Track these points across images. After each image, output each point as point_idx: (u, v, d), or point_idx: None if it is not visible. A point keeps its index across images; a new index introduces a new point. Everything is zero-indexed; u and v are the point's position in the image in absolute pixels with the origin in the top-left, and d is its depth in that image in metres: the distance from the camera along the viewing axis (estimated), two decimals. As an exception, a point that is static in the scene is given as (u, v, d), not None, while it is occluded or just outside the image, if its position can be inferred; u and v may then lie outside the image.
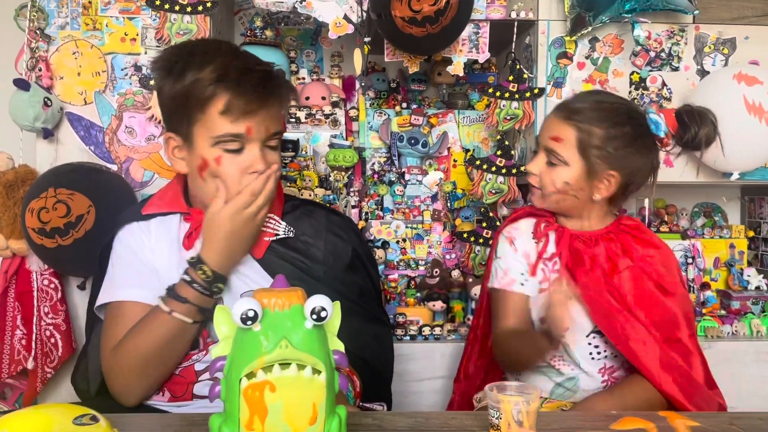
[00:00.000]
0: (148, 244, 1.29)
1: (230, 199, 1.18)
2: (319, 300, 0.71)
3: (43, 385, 1.76)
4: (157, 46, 1.83)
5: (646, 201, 2.34)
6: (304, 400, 0.70)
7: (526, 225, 1.52)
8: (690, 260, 2.20)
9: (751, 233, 2.32)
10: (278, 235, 1.32)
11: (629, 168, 1.41)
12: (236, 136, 1.17)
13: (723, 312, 2.15)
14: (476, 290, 1.97)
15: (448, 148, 2.23)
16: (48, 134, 1.78)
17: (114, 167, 1.83)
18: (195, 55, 1.19)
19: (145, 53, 1.84)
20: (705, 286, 2.20)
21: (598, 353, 1.43)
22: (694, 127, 1.53)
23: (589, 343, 1.43)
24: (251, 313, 0.69)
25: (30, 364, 1.74)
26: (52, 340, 1.76)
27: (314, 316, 0.71)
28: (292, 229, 1.34)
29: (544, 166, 1.43)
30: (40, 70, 1.79)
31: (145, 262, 1.27)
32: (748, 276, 2.22)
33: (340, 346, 0.77)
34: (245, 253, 1.25)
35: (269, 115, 1.21)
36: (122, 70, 1.84)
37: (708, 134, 1.55)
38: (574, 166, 1.40)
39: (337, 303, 0.78)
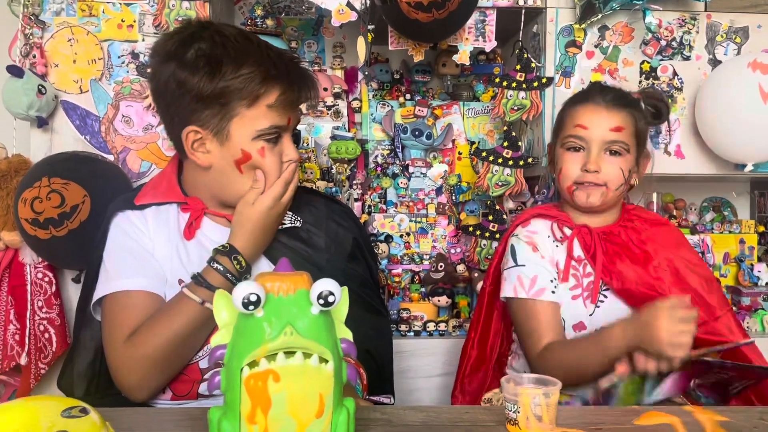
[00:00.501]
0: (146, 233, 1.26)
1: (267, 189, 1.20)
2: (327, 284, 0.66)
3: (36, 381, 1.71)
4: (155, 33, 1.78)
5: (654, 195, 2.30)
6: (310, 391, 0.65)
7: (542, 226, 1.45)
8: (699, 255, 2.15)
9: (762, 228, 2.27)
10: (284, 224, 1.30)
11: (645, 146, 1.49)
12: (279, 127, 1.20)
13: (734, 308, 2.10)
14: (481, 285, 1.92)
15: (453, 140, 2.18)
16: (42, 123, 1.73)
17: (111, 157, 1.78)
18: (226, 49, 1.16)
19: (143, 40, 1.79)
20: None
21: None
22: (663, 107, 1.57)
23: None
24: (253, 298, 0.64)
25: (23, 360, 1.69)
26: (46, 335, 1.70)
27: (321, 301, 0.66)
28: (299, 218, 1.32)
29: (605, 159, 1.39)
30: (34, 57, 1.74)
31: (146, 249, 1.25)
32: (759, 272, 2.17)
33: (348, 334, 0.72)
34: (269, 242, 1.25)
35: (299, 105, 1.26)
36: (119, 57, 1.79)
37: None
38: (632, 152, 1.42)
39: (345, 288, 0.73)
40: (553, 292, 1.38)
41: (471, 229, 1.97)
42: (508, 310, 1.46)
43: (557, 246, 1.43)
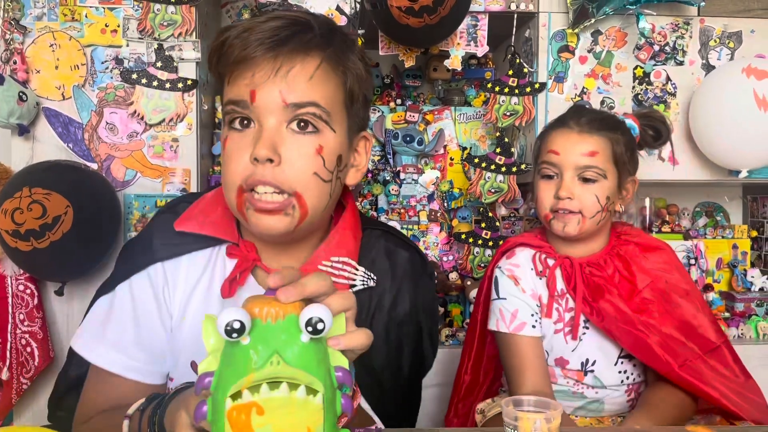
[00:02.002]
0: (168, 290, 0.97)
1: None
2: (316, 310, 0.62)
3: (18, 397, 1.66)
4: (140, 39, 1.73)
5: (647, 200, 2.28)
6: (297, 425, 0.61)
7: (524, 258, 1.40)
8: (692, 261, 2.13)
9: (755, 233, 2.26)
10: (354, 286, 0.97)
11: (636, 171, 1.41)
12: (236, 103, 0.92)
13: (727, 314, 2.08)
14: (474, 293, 1.89)
15: (445, 146, 2.15)
16: (24, 131, 1.68)
17: (94, 166, 1.74)
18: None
19: (127, 45, 1.74)
20: (708, 287, 2.13)
21: (627, 378, 1.36)
22: (664, 129, 1.51)
23: (619, 371, 1.36)
24: (237, 325, 0.60)
25: (5, 375, 1.64)
26: (28, 349, 1.65)
27: (310, 329, 0.62)
28: (373, 276, 0.98)
29: (579, 186, 1.34)
30: (14, 62, 1.69)
31: (161, 317, 0.96)
32: (752, 277, 2.15)
33: (344, 362, 0.68)
34: None
35: None
36: (102, 63, 1.75)
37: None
38: (611, 177, 1.34)
39: (342, 315, 0.69)
40: (533, 326, 1.35)
41: (463, 236, 1.94)
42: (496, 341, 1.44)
43: (540, 279, 1.39)
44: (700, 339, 1.34)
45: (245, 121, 0.86)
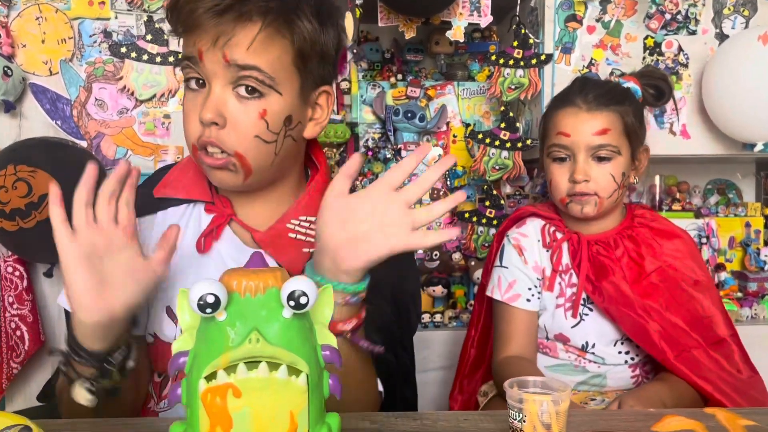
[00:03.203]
0: (148, 241, 0.96)
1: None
2: (299, 283, 0.56)
3: (9, 381, 1.62)
4: (128, 11, 1.67)
5: (657, 178, 2.21)
6: (278, 408, 0.56)
7: (533, 229, 1.39)
8: (704, 240, 2.07)
9: (768, 211, 2.20)
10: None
11: (645, 138, 1.37)
12: (189, 60, 0.93)
13: (740, 294, 2.02)
14: (478, 274, 1.83)
15: (447, 123, 2.08)
16: (9, 107, 1.62)
17: (84, 143, 1.68)
18: None
19: (116, 18, 1.68)
20: (720, 267, 2.07)
21: (631, 359, 1.33)
22: (666, 86, 1.49)
23: (620, 352, 1.33)
24: (210, 299, 0.54)
25: (-6, 359, 1.60)
26: (18, 333, 1.61)
27: (292, 303, 0.56)
28: None
29: (593, 166, 1.29)
30: (-1, 37, 1.63)
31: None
32: (765, 256, 2.09)
33: (332, 340, 0.62)
34: None
35: None
36: (90, 36, 1.69)
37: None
38: (624, 152, 1.31)
39: (328, 287, 0.63)
40: (528, 300, 1.35)
41: (467, 215, 1.88)
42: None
43: (546, 251, 1.37)
44: (706, 330, 1.30)
45: (200, 81, 0.90)
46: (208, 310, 0.55)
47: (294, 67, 0.91)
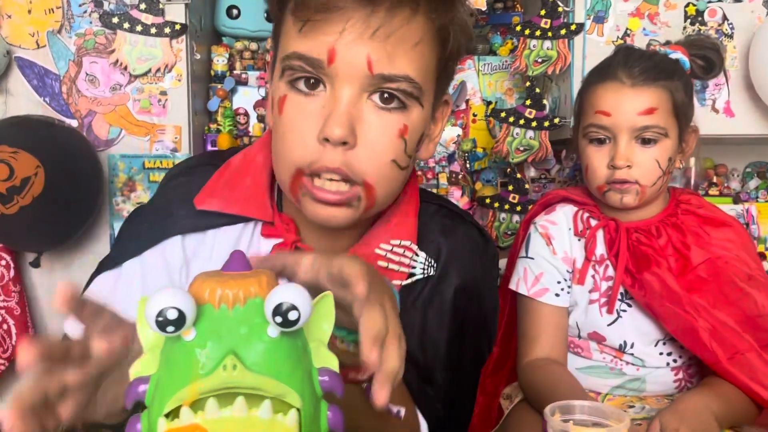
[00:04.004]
0: (185, 270, 0.82)
1: None
2: (288, 292, 0.43)
3: (-4, 378, 1.52)
4: (121, -23, 1.54)
5: (692, 161, 2.07)
6: (258, 458, 0.43)
7: (564, 216, 1.26)
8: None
9: (813, 195, 2.05)
10: (413, 274, 0.82)
11: (693, 115, 1.23)
12: (310, 62, 0.70)
13: (781, 286, 1.89)
14: (501, 264, 1.71)
15: (467, 101, 1.95)
16: (-7, 83, 1.52)
17: (74, 122, 1.57)
18: None
19: (107, -15, 1.56)
20: (761, 256, 1.93)
21: (674, 360, 1.21)
22: (717, 57, 1.33)
23: (661, 353, 1.21)
24: (172, 314, 0.41)
25: (-20, 355, 1.50)
26: (5, 326, 1.51)
27: (279, 319, 0.42)
28: (433, 263, 0.84)
29: (637, 150, 1.16)
30: (-19, 6, 1.52)
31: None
32: (810, 245, 1.96)
33: (332, 362, 0.48)
34: None
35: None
36: (80, 6, 1.57)
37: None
38: (672, 134, 1.17)
39: (329, 297, 0.49)
40: (557, 294, 1.23)
41: (488, 201, 1.76)
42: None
43: (578, 240, 1.25)
44: (760, 331, 1.17)
45: (312, 81, 0.70)
46: (170, 329, 0.42)
47: (436, 73, 0.74)
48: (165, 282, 0.79)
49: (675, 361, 1.21)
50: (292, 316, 0.42)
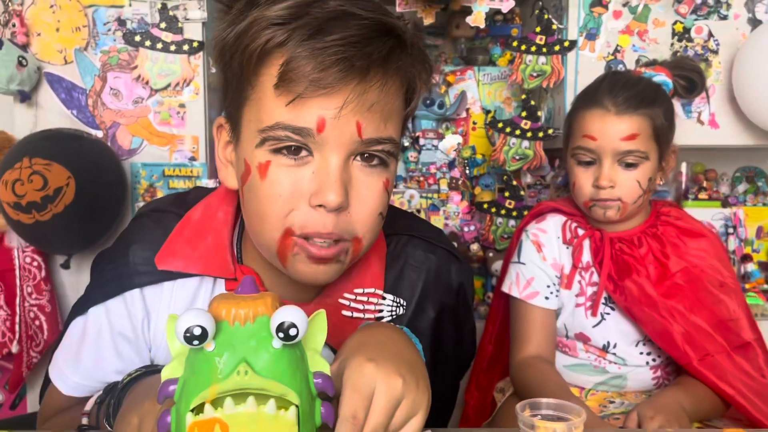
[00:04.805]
0: (147, 322, 0.84)
1: None
2: (289, 313, 0.54)
3: (29, 370, 1.64)
4: (143, -2, 1.65)
5: (683, 166, 2.15)
6: (267, 444, 0.54)
7: (554, 225, 1.36)
8: (731, 230, 2.01)
9: (800, 200, 2.12)
10: (381, 316, 0.85)
11: (673, 136, 1.31)
12: (296, 131, 0.69)
13: (767, 286, 1.96)
14: (497, 266, 1.81)
15: (467, 109, 2.03)
16: (25, 97, 1.62)
17: (99, 133, 1.68)
18: None
19: (129, 5, 1.66)
20: (746, 258, 2.01)
21: (653, 360, 1.31)
22: (698, 78, 1.44)
23: (641, 353, 1.31)
24: (197, 331, 0.53)
25: (14, 348, 1.62)
26: (37, 323, 1.63)
27: (281, 334, 0.54)
28: (402, 302, 0.87)
29: (619, 172, 1.25)
30: (14, 26, 1.62)
31: (130, 347, 0.85)
32: (796, 247, 2.03)
33: (325, 367, 0.60)
34: None
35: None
36: (105, 24, 1.67)
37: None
38: (653, 157, 1.26)
39: (321, 312, 0.61)
40: (547, 297, 1.33)
41: (486, 206, 1.85)
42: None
43: (566, 248, 1.34)
44: (730, 334, 1.26)
45: (294, 148, 0.70)
46: (195, 342, 0.54)
47: (404, 126, 0.78)
48: (128, 330, 0.83)
49: (654, 360, 1.30)
50: (292, 332, 0.54)
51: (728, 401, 1.22)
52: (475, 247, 1.89)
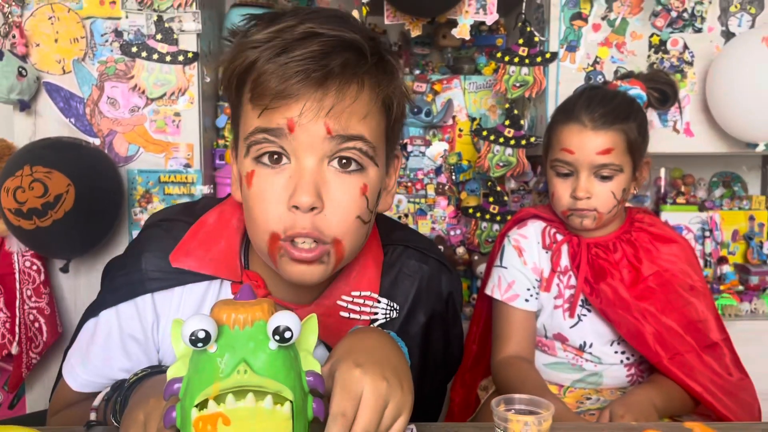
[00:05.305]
0: (157, 325, 0.90)
1: None
2: (284, 318, 0.60)
3: (28, 370, 1.69)
4: (139, 10, 1.70)
5: (662, 171, 2.22)
6: (265, 435, 0.61)
7: (534, 231, 1.42)
8: (708, 233, 2.08)
9: (773, 204, 2.19)
10: (376, 320, 0.91)
11: (647, 147, 1.38)
12: (270, 132, 0.76)
13: (741, 288, 2.04)
14: (482, 268, 1.87)
15: (453, 117, 2.09)
16: (25, 106, 1.67)
17: (97, 141, 1.73)
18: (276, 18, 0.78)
19: (126, 17, 1.71)
20: (722, 260, 2.08)
21: (627, 358, 1.37)
22: (671, 90, 1.52)
23: (616, 351, 1.37)
24: (201, 334, 0.59)
25: (14, 349, 1.66)
26: (36, 325, 1.67)
27: (277, 337, 0.60)
28: (395, 306, 0.93)
29: (595, 184, 1.32)
30: (13, 37, 1.67)
31: (140, 349, 0.91)
32: (769, 250, 2.10)
33: (316, 366, 0.67)
34: None
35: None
36: (102, 36, 1.72)
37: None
38: (627, 169, 1.33)
39: (313, 316, 0.67)
40: (527, 300, 1.39)
41: (471, 210, 1.91)
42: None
43: (546, 253, 1.41)
44: (699, 334, 1.33)
45: (275, 156, 0.76)
46: (200, 345, 0.60)
47: (385, 136, 0.81)
48: (139, 333, 0.89)
49: (628, 359, 1.37)
50: (287, 335, 0.60)
51: (697, 398, 1.28)
52: (460, 250, 1.96)
